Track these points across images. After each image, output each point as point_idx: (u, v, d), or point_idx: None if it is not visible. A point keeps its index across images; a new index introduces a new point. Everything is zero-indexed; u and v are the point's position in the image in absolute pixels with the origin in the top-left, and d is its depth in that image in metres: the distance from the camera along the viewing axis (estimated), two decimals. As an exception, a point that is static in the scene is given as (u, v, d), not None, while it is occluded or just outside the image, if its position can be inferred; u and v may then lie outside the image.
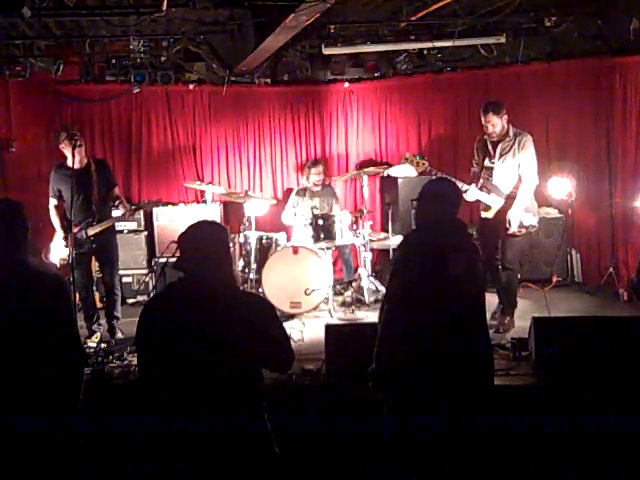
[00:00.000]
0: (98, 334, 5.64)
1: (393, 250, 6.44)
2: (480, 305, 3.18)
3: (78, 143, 5.40)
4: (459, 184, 5.47)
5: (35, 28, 6.21)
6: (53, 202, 5.65)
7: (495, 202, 5.55)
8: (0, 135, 7.13)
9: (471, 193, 5.51)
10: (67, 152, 5.50)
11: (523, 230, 5.52)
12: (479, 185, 5.56)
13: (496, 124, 5.47)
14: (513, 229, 5.45)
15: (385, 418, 3.12)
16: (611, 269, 6.87)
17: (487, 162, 5.61)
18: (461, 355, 3.00)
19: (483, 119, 5.54)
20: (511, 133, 5.53)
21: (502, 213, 5.51)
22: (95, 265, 6.07)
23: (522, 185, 5.48)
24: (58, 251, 5.47)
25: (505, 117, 5.51)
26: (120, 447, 3.80)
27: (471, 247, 3.27)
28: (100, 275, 5.99)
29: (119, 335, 5.67)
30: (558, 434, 4.00)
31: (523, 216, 5.47)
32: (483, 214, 5.65)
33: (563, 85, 7.33)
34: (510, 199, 5.49)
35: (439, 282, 3.02)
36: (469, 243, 3.29)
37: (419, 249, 3.15)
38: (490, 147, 5.60)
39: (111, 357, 4.96)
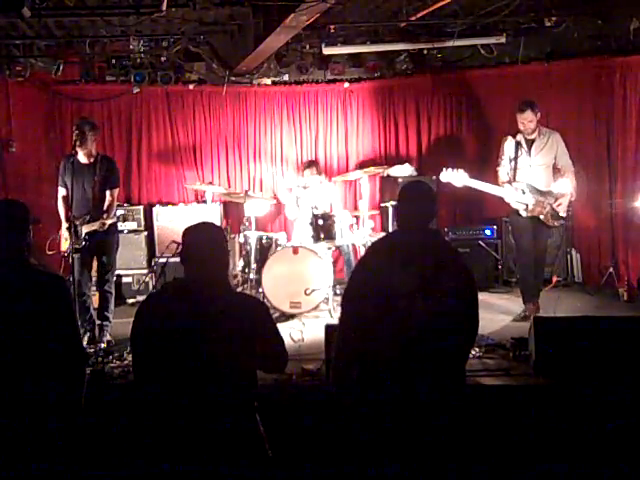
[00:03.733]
0: (88, 334, 5.59)
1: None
2: (450, 321, 2.87)
3: (77, 143, 5.38)
4: (495, 190, 5.77)
5: (35, 28, 6.21)
6: (61, 192, 5.62)
7: (531, 200, 5.72)
8: (0, 135, 7.14)
9: (508, 194, 5.73)
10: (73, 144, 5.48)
11: (561, 221, 5.86)
12: (514, 186, 5.76)
13: (532, 120, 5.69)
14: (562, 214, 5.77)
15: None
16: (611, 269, 6.87)
17: (522, 161, 5.78)
18: (427, 367, 2.83)
19: (520, 116, 5.71)
20: (544, 130, 5.81)
21: (543, 208, 5.75)
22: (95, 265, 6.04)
23: (569, 177, 5.78)
24: (64, 242, 5.47)
25: (539, 115, 5.73)
26: (115, 448, 3.82)
27: (451, 250, 3.15)
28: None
29: (107, 338, 5.55)
30: (558, 434, 4.01)
31: (566, 207, 5.78)
32: (523, 213, 5.77)
33: (563, 85, 7.33)
34: (550, 196, 5.76)
35: (396, 292, 2.80)
36: (449, 246, 3.21)
37: (383, 254, 2.97)
38: (525, 145, 5.78)
39: (111, 357, 4.96)
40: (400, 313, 2.81)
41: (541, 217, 5.77)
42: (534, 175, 5.76)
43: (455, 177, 5.68)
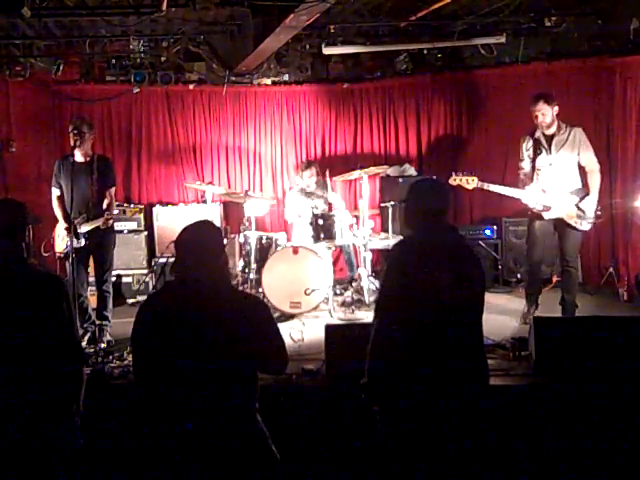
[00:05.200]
0: (88, 334, 5.58)
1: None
2: (478, 309, 3.08)
3: (77, 144, 5.38)
4: (512, 192, 5.51)
5: (35, 28, 6.21)
6: (56, 192, 5.60)
7: (554, 201, 5.46)
8: (0, 135, 7.14)
9: (528, 196, 5.46)
10: (72, 144, 5.47)
11: (587, 222, 5.48)
12: (533, 186, 5.49)
13: (546, 114, 5.40)
14: (589, 214, 5.43)
15: (380, 428, 3.05)
16: (611, 269, 6.87)
17: (542, 159, 5.51)
18: (456, 363, 2.94)
19: (533, 108, 5.44)
20: (563, 126, 5.48)
21: (568, 209, 5.45)
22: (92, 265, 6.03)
23: (593, 174, 5.46)
24: (60, 242, 5.46)
25: (556, 109, 5.44)
26: (116, 450, 3.82)
27: (467, 245, 3.23)
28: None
29: (107, 338, 5.54)
30: (558, 434, 4.01)
31: (594, 206, 5.45)
32: (545, 215, 5.51)
33: (563, 85, 7.32)
34: (574, 195, 5.46)
35: (436, 287, 2.92)
36: (465, 244, 3.24)
37: (415, 252, 3.04)
38: (544, 142, 5.50)
39: (111, 357, 4.96)
40: (442, 305, 2.94)
41: (566, 219, 5.46)
42: (556, 174, 5.45)
43: (467, 181, 5.51)
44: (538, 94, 5.51)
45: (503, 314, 6.04)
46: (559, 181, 5.47)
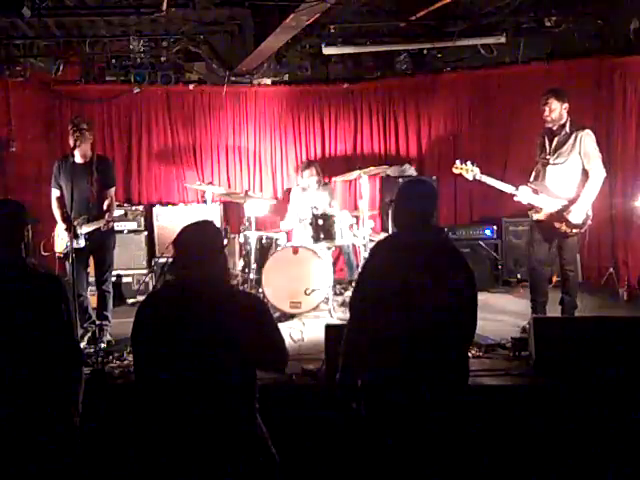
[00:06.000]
0: (88, 334, 5.58)
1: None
2: (461, 312, 2.99)
3: (77, 143, 5.37)
4: (506, 188, 5.33)
5: (35, 28, 6.22)
6: (55, 193, 5.59)
7: (545, 203, 5.27)
8: (0, 135, 7.14)
9: (522, 195, 5.27)
10: (72, 143, 5.46)
11: (576, 229, 5.27)
12: (529, 185, 5.31)
13: (554, 109, 5.21)
14: (576, 222, 5.19)
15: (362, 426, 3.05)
16: (611, 269, 6.87)
17: (540, 158, 5.37)
18: (432, 363, 2.89)
19: (542, 101, 5.25)
20: (567, 128, 5.24)
21: (556, 214, 5.25)
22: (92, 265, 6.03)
23: (589, 181, 5.19)
24: (60, 242, 5.46)
25: (566, 107, 5.23)
26: (114, 448, 3.82)
27: (453, 249, 3.14)
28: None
29: (107, 338, 5.52)
30: (558, 434, 4.01)
31: (585, 213, 5.22)
32: (535, 216, 5.35)
33: (563, 85, 7.27)
34: (566, 200, 5.23)
35: (408, 287, 2.87)
36: (451, 245, 3.18)
37: (392, 251, 3.02)
38: (547, 141, 5.34)
39: (111, 357, 4.96)
40: (411, 309, 2.87)
41: (556, 225, 5.25)
42: (551, 176, 5.28)
43: (467, 170, 5.37)
44: (549, 88, 5.37)
45: (503, 314, 6.04)
46: (551, 183, 5.31)
